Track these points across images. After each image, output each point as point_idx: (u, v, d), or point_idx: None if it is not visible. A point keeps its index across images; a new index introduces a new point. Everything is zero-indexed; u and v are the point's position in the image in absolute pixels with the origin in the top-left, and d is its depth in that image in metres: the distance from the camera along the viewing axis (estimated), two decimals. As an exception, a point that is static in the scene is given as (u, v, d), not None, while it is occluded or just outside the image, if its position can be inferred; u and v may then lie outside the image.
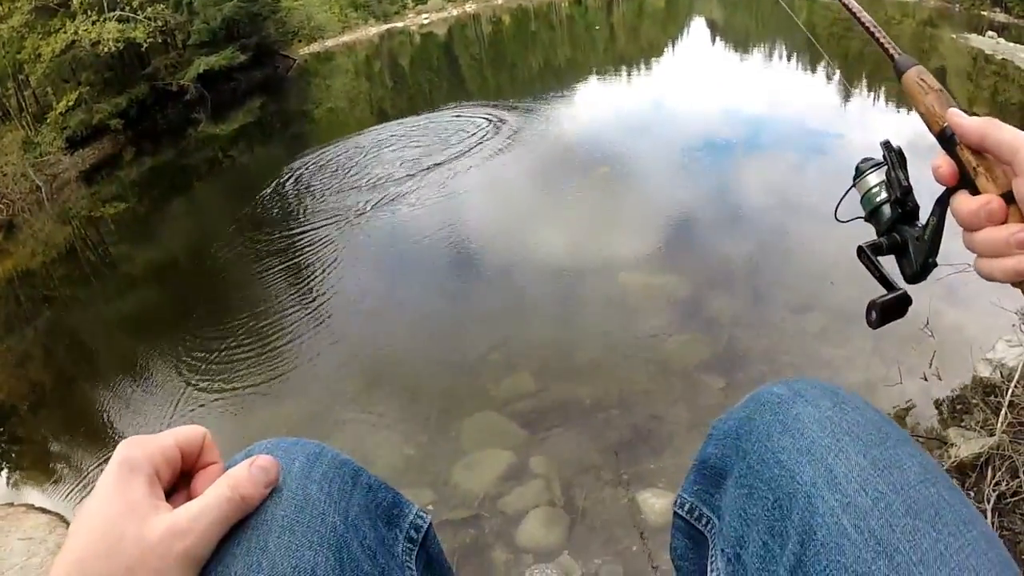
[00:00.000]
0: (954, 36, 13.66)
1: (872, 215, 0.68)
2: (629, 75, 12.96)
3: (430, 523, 0.71)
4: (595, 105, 9.84)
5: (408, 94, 15.01)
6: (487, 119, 9.31)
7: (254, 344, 4.74)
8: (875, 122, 8.17)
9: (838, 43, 14.97)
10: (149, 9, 15.44)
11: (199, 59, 16.74)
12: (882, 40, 0.69)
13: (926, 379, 3.26)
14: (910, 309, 0.65)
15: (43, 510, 3.66)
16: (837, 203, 0.73)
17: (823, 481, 0.54)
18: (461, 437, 3.39)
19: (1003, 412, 2.55)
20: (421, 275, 5.32)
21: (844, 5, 0.77)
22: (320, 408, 3.86)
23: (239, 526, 0.54)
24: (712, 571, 0.65)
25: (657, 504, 2.79)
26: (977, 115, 0.56)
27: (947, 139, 0.58)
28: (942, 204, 0.60)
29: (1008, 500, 2.23)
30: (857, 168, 0.69)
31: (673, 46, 15.34)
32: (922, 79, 0.62)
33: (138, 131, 15.28)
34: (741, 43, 16.36)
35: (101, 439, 4.25)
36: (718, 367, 3.64)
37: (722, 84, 10.28)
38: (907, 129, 7.78)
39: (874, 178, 0.67)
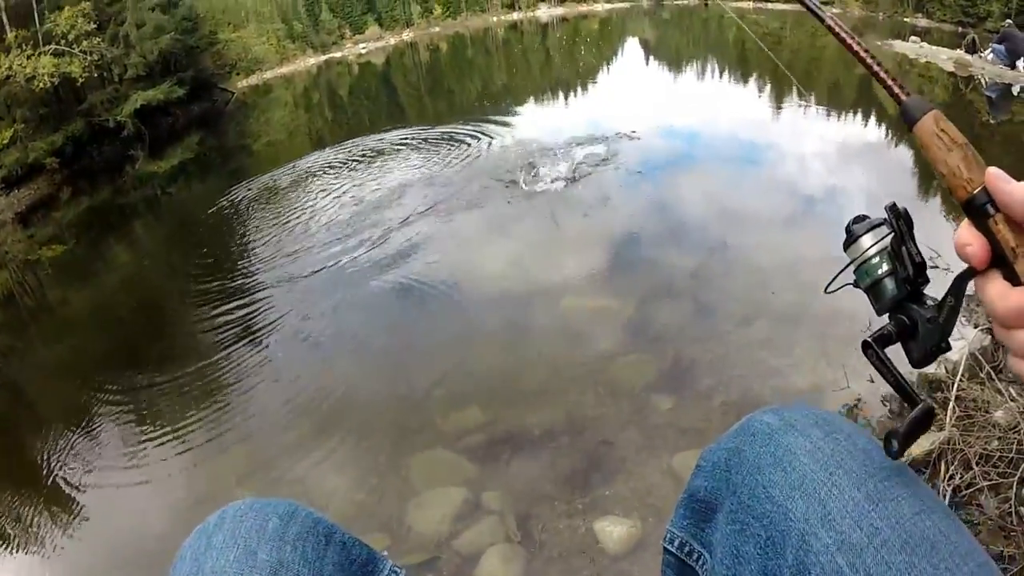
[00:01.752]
0: (880, 43, 14.22)
1: (872, 288, 0.57)
2: (566, 98, 13.14)
3: None
4: (532, 128, 9.88)
5: (347, 125, 14.92)
6: (425, 142, 9.40)
7: (196, 390, 4.60)
8: (808, 134, 8.42)
9: (767, 57, 15.45)
10: (85, 43, 15.07)
11: (136, 93, 16.38)
12: (887, 80, 0.57)
13: (872, 380, 3.30)
14: (854, 312, 0.60)
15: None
16: (831, 279, 0.62)
17: (816, 518, 0.53)
18: (412, 477, 3.32)
19: (951, 406, 2.61)
20: (363, 312, 5.23)
21: (844, 44, 0.64)
22: (267, 456, 3.73)
23: None
24: None
25: (615, 532, 2.77)
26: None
27: (976, 208, 0.47)
28: (962, 282, 0.49)
29: (964, 493, 2.27)
30: (849, 231, 0.59)
31: (608, 67, 15.61)
32: (942, 130, 0.50)
33: (74, 170, 14.83)
34: (674, 61, 16.74)
35: (41, 492, 4.06)
36: (666, 386, 3.65)
37: (657, 103, 10.47)
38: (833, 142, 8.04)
39: (874, 247, 0.57)
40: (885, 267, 0.56)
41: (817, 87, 11.50)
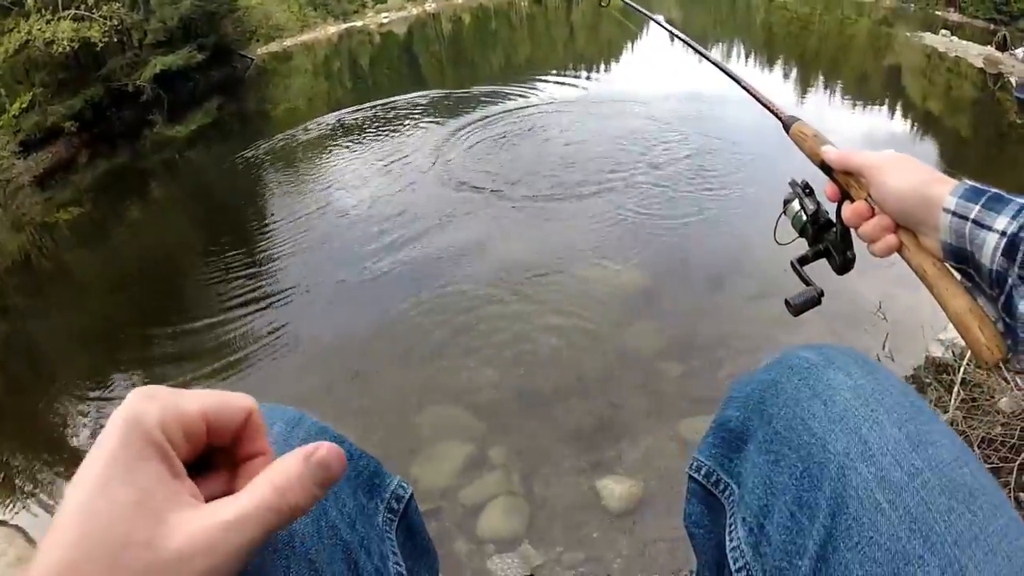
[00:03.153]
0: (908, 34, 14.00)
1: (802, 232, 0.84)
2: (589, 74, 13.01)
3: (411, 493, 0.70)
4: (556, 100, 9.84)
5: (367, 93, 14.88)
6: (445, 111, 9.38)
7: (209, 346, 4.65)
8: (828, 116, 8.33)
9: (795, 41, 15.26)
10: (104, 8, 15.03)
11: (155, 59, 16.34)
12: (767, 103, 0.93)
13: (879, 360, 3.32)
14: (865, 294, 0.83)
15: (1, 522, 3.51)
16: (773, 229, 0.89)
17: (857, 452, 0.52)
18: (420, 431, 3.36)
19: (955, 389, 2.61)
20: (378, 270, 5.22)
21: (729, 75, 1.06)
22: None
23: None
24: (731, 540, 0.62)
25: (617, 490, 2.80)
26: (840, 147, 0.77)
27: (827, 168, 0.77)
28: (838, 213, 0.77)
29: (963, 474, 2.28)
30: (784, 201, 0.86)
31: (632, 44, 15.44)
32: (802, 130, 0.83)
33: (93, 133, 14.85)
34: (699, 41, 16.43)
35: (60, 449, 4.13)
36: (676, 354, 3.66)
37: (679, 81, 10.33)
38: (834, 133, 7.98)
39: (796, 205, 0.84)
40: (804, 217, 0.82)
41: (844, 75, 11.34)
